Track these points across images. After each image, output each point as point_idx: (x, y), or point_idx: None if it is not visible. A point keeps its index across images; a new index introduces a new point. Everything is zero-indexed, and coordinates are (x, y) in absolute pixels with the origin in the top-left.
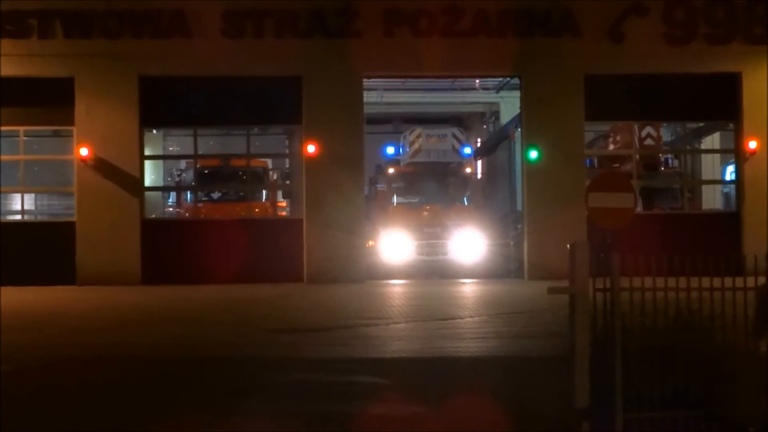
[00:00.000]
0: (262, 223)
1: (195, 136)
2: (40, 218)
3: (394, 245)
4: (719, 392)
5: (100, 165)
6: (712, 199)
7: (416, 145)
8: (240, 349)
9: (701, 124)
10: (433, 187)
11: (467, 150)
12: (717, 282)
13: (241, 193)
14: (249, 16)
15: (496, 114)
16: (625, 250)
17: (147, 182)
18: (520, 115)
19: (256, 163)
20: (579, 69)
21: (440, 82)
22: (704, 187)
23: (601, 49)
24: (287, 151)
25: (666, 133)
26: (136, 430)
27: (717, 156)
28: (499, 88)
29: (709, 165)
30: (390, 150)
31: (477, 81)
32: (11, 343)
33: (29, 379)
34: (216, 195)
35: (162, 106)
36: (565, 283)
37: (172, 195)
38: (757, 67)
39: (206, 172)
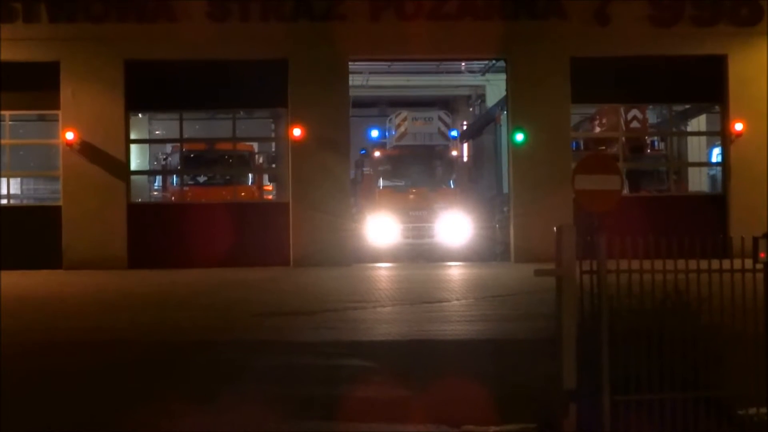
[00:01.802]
0: (248, 207)
1: (180, 120)
2: (26, 202)
3: (380, 228)
4: (706, 374)
5: (86, 149)
6: (698, 182)
7: (402, 128)
8: (226, 333)
9: (687, 107)
10: (419, 171)
11: (453, 133)
12: (704, 264)
13: (227, 177)
14: (234, 0)
15: (482, 97)
16: (611, 233)
17: (133, 166)
18: (506, 97)
19: (242, 146)
20: (565, 51)
21: (426, 65)
22: (690, 170)
23: (587, 31)
24: (273, 134)
25: (652, 116)
26: (121, 413)
27: (703, 138)
28: (485, 71)
29: (695, 147)
30: (374, 133)
31: (463, 64)
32: None
33: (16, 364)
34: (202, 179)
35: (147, 89)
36: (551, 266)
37: (158, 179)
38: (743, 49)
39: (192, 156)
